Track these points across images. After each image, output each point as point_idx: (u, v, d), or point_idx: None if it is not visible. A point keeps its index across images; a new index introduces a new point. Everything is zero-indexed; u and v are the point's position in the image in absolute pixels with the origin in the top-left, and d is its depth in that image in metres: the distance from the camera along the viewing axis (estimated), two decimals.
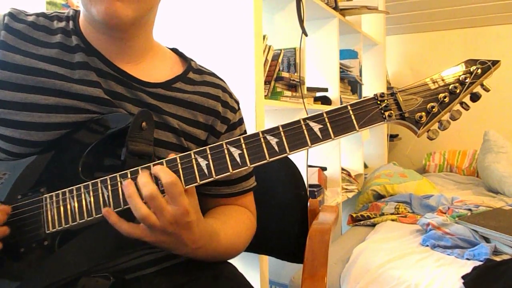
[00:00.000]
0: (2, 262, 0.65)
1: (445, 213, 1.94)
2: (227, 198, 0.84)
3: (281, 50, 1.73)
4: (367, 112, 0.62)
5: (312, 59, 2.21)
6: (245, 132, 0.89)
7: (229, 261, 0.86)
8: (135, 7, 0.69)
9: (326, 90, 2.15)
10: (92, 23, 0.75)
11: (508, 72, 3.31)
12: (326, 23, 2.23)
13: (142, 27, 0.77)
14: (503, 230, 1.58)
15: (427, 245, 1.66)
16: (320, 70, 2.24)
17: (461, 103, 0.62)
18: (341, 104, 2.24)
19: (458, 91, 0.61)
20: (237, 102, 0.89)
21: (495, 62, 0.62)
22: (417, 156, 3.49)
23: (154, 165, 0.63)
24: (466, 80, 0.61)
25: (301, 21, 1.75)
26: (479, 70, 0.62)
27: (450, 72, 0.63)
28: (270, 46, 1.63)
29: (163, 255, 0.76)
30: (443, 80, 0.62)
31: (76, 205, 0.64)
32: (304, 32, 1.77)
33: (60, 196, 0.65)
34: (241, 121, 0.88)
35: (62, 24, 0.77)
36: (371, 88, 3.03)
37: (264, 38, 1.54)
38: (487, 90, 0.62)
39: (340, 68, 2.30)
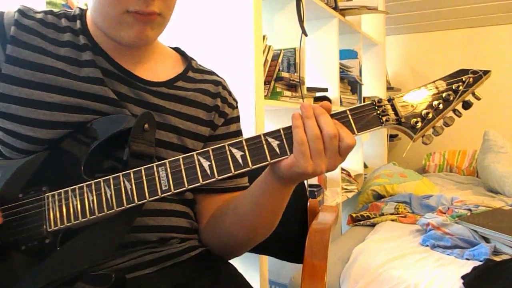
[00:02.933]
0: (3, 260, 0.65)
1: (445, 213, 1.94)
2: (223, 194, 0.84)
3: (281, 50, 1.74)
4: (365, 117, 0.65)
5: (312, 59, 2.22)
6: (240, 131, 0.90)
7: (229, 261, 0.86)
8: (159, 31, 0.76)
9: (326, 90, 2.15)
10: (104, 31, 0.75)
11: (508, 72, 3.32)
12: (326, 23, 2.23)
13: None
14: (502, 230, 1.58)
15: (427, 245, 1.66)
16: (320, 70, 2.24)
17: (454, 110, 0.65)
18: (340, 104, 2.25)
19: (451, 98, 0.64)
20: (236, 101, 0.91)
21: (486, 72, 0.65)
22: (417, 156, 3.50)
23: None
24: (459, 89, 0.64)
25: (301, 21, 1.75)
26: (471, 79, 0.65)
27: (444, 80, 0.66)
28: (270, 46, 1.63)
29: (163, 255, 0.76)
30: (437, 88, 0.65)
31: (78, 203, 0.64)
32: (304, 32, 1.77)
33: (63, 194, 0.65)
34: (238, 119, 0.90)
35: (70, 23, 0.78)
36: (371, 88, 3.03)
37: (264, 38, 1.54)
38: (478, 98, 0.65)
39: (340, 68, 2.31)
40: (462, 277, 1.36)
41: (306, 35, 1.78)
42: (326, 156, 0.62)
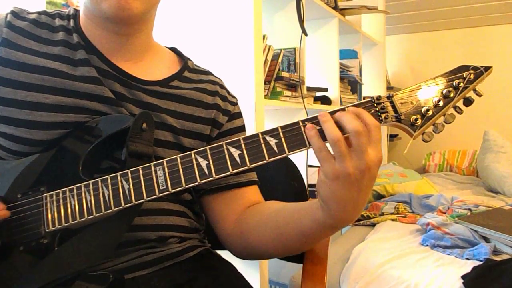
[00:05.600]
0: (2, 260, 0.65)
1: (444, 213, 1.94)
2: (239, 189, 0.83)
3: (281, 50, 1.74)
4: None
5: (312, 59, 2.22)
6: (244, 126, 0.90)
7: (229, 260, 0.86)
8: (145, 2, 0.72)
9: (326, 90, 2.15)
10: (94, 19, 0.75)
11: (508, 72, 3.32)
12: (326, 23, 2.23)
13: (146, 23, 0.79)
14: (502, 230, 1.58)
15: (427, 245, 1.66)
16: (320, 70, 2.24)
17: (455, 107, 0.64)
18: (341, 104, 2.24)
19: (452, 95, 0.63)
20: (235, 98, 0.91)
21: (487, 68, 0.63)
22: (417, 156, 3.49)
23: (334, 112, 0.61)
24: (460, 85, 0.63)
25: (301, 21, 1.75)
26: (472, 76, 0.63)
27: (444, 77, 0.64)
28: (270, 46, 1.63)
29: (162, 255, 0.76)
30: (437, 84, 0.64)
31: (76, 204, 0.64)
32: (304, 32, 1.77)
33: (60, 194, 0.65)
34: (240, 114, 0.90)
35: (63, 22, 0.77)
36: (371, 88, 3.03)
37: (264, 38, 1.54)
38: (479, 95, 0.64)
39: (340, 68, 2.30)
40: (462, 277, 1.36)
41: (306, 34, 1.78)
42: (352, 156, 0.58)
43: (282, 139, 0.62)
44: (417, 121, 0.63)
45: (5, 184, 0.68)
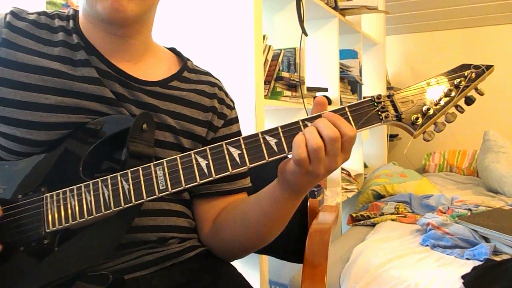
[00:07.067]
0: (2, 261, 0.65)
1: (445, 213, 1.94)
2: (228, 196, 0.84)
3: (281, 50, 1.74)
4: (364, 114, 0.63)
5: (312, 59, 2.22)
6: (240, 132, 0.90)
7: None
8: (139, 2, 0.71)
9: (326, 90, 2.15)
10: (93, 21, 0.75)
11: (508, 72, 3.32)
12: (326, 23, 2.23)
13: (144, 25, 0.79)
14: (503, 230, 1.58)
15: (427, 245, 1.66)
16: (320, 70, 2.24)
17: (456, 106, 0.64)
18: (341, 104, 2.25)
19: (453, 94, 0.63)
20: (233, 102, 0.91)
21: (488, 67, 0.63)
22: (417, 156, 3.49)
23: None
24: (461, 84, 0.63)
25: (301, 21, 1.75)
26: (473, 74, 0.63)
27: (445, 76, 0.64)
28: (270, 46, 1.63)
29: (162, 255, 0.76)
30: (438, 83, 0.64)
31: (76, 204, 0.64)
32: (304, 32, 1.77)
33: (61, 195, 0.65)
34: (237, 119, 0.90)
35: (63, 22, 0.77)
36: (371, 88, 3.03)
37: (264, 38, 1.54)
38: (481, 94, 0.64)
39: (340, 68, 2.30)
40: (462, 277, 1.36)
41: (306, 35, 1.78)
42: (326, 160, 0.61)
43: (282, 138, 0.63)
44: (418, 120, 0.63)
45: (13, 185, 0.68)
